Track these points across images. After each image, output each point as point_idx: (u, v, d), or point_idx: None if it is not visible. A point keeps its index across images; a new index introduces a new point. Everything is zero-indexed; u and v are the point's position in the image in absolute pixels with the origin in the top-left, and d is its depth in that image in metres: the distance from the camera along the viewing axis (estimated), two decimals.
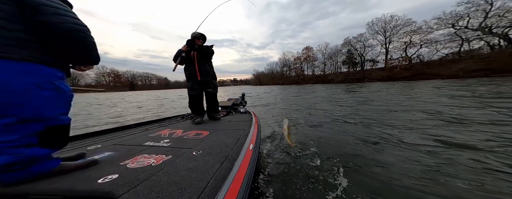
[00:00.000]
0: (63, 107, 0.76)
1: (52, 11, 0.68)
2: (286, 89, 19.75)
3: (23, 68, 0.65)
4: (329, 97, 7.89)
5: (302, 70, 56.09)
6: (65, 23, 0.70)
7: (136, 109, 7.35)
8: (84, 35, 0.75)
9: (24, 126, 0.64)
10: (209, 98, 2.09)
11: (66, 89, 0.76)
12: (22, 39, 0.65)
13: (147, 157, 0.90)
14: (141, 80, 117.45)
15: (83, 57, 0.80)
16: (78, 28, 0.73)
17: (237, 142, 1.15)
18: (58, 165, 0.74)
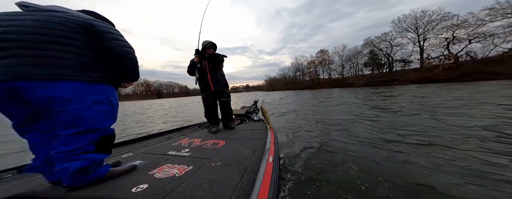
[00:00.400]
0: (113, 118, 0.89)
1: (110, 37, 0.83)
2: (300, 95, 17.56)
3: (88, 87, 0.78)
4: (357, 103, 6.37)
5: (317, 74, 52.28)
6: (120, 47, 0.85)
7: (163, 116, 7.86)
8: (132, 56, 0.90)
9: (86, 135, 0.76)
10: (223, 107, 2.10)
11: (115, 103, 0.90)
12: (88, 63, 0.79)
13: (171, 167, 0.97)
14: (166, 89, 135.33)
15: (129, 75, 0.94)
16: (128, 50, 0.88)
17: (254, 153, 1.15)
18: (108, 171, 0.85)
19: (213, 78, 1.98)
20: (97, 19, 0.84)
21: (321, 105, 7.05)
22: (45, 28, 0.71)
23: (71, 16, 0.77)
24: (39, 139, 0.76)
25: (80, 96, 0.75)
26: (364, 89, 19.54)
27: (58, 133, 0.73)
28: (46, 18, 0.73)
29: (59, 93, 0.70)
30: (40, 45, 0.70)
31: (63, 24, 0.74)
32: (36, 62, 0.68)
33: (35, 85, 0.67)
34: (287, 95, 17.88)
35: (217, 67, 2.03)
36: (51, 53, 0.70)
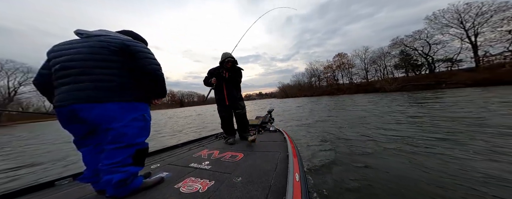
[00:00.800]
0: (147, 133, 0.96)
1: (143, 55, 0.90)
2: (317, 102, 15.44)
3: (127, 106, 0.87)
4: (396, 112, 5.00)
5: (336, 80, 47.78)
6: (150, 65, 0.91)
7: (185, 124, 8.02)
8: (160, 73, 0.95)
9: (125, 150, 0.85)
10: (239, 119, 2.10)
11: (149, 118, 0.97)
12: (126, 83, 0.88)
13: (194, 181, 1.00)
14: (187, 98, 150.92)
15: (158, 92, 1.00)
16: (156, 67, 0.94)
17: (276, 168, 1.11)
18: (142, 183, 0.93)
19: (229, 94, 1.99)
20: (131, 39, 0.93)
21: (355, 113, 5.68)
22: (92, 53, 0.82)
23: (111, 39, 0.87)
24: (90, 152, 0.90)
25: (122, 115, 0.85)
26: (401, 94, 15.64)
27: (105, 148, 0.84)
28: (93, 43, 0.85)
29: (105, 113, 0.82)
30: (90, 70, 0.81)
31: (104, 48, 0.84)
32: (88, 86, 0.80)
33: (87, 107, 0.79)
34: (305, 103, 15.73)
35: (235, 85, 2.05)
36: (98, 77, 0.82)
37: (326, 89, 44.96)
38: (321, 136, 3.32)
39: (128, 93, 0.88)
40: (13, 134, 10.82)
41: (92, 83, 0.80)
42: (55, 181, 1.14)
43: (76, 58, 0.80)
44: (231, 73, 1.99)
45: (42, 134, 8.82)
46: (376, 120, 4.45)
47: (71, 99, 0.78)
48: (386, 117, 4.65)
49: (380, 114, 5.25)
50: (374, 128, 3.54)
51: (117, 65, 0.85)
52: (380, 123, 4.01)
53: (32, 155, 3.99)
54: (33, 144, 5.83)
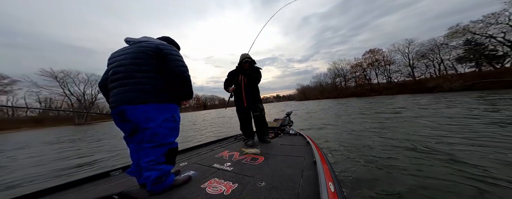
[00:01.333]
0: (176, 134, 1.01)
1: (173, 58, 0.97)
2: (347, 105, 12.30)
3: (160, 107, 0.93)
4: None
5: (367, 79, 40.62)
6: (178, 67, 0.97)
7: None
8: (186, 74, 1.00)
9: (159, 149, 0.91)
10: (257, 121, 2.06)
11: (178, 120, 1.03)
12: (160, 85, 0.93)
13: (218, 182, 1.03)
14: (209, 101, 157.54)
15: (186, 93, 1.03)
16: (184, 69, 0.99)
17: (302, 174, 1.05)
18: (174, 180, 1.00)
19: (248, 96, 1.99)
20: (165, 43, 1.01)
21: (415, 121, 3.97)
22: (134, 58, 0.92)
23: (148, 44, 0.95)
24: (134, 149, 0.98)
25: (156, 115, 0.91)
26: (468, 95, 10.76)
27: (144, 146, 0.91)
28: (135, 49, 0.94)
29: (144, 114, 0.89)
30: (133, 74, 0.90)
31: (143, 53, 0.93)
32: (131, 89, 0.88)
33: (131, 108, 0.88)
34: (328, 106, 12.70)
35: (254, 86, 2.04)
36: (140, 80, 0.89)
37: (355, 90, 38.45)
38: (360, 145, 2.66)
39: (161, 95, 0.93)
40: (94, 129, 13.69)
41: (134, 86, 0.89)
42: (110, 171, 1.30)
43: (123, 63, 0.92)
44: (248, 76, 1.96)
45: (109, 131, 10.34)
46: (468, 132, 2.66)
47: (119, 101, 0.89)
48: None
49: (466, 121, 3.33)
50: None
51: (153, 68, 0.93)
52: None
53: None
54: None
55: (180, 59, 1.00)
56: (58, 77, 40.18)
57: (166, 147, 0.94)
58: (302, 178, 0.98)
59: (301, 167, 1.15)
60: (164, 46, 0.98)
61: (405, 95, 17.91)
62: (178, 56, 1.01)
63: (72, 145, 5.84)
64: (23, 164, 3.59)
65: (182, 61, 1.01)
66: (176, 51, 1.02)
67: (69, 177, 2.47)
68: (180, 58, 1.01)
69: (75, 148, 5.11)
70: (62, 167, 3.07)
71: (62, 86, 40.79)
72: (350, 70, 44.09)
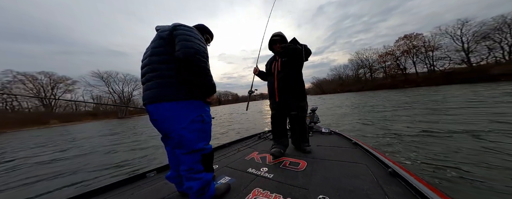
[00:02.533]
0: (207, 137, 0.85)
1: (180, 38, 0.75)
2: (378, 98, 9.76)
3: (184, 105, 0.76)
4: None
5: (402, 69, 34.52)
6: (182, 48, 0.73)
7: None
8: (194, 58, 0.73)
9: (192, 155, 0.78)
10: (294, 122, 1.49)
11: (208, 119, 0.85)
12: (181, 77, 0.76)
13: (264, 194, 0.87)
14: (224, 97, 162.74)
15: (200, 83, 0.78)
16: (189, 51, 0.73)
17: (383, 190, 0.80)
18: (215, 189, 0.85)
19: (281, 84, 1.43)
20: (181, 24, 0.82)
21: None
22: (154, 47, 0.79)
23: (165, 28, 0.81)
24: (171, 152, 0.88)
25: (180, 116, 0.75)
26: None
27: (176, 151, 0.81)
28: (156, 37, 0.81)
29: (166, 114, 0.75)
30: (155, 66, 0.76)
31: (161, 39, 0.78)
32: (153, 85, 0.75)
33: (153, 108, 0.76)
34: (354, 101, 10.59)
35: (291, 67, 1.43)
36: (161, 73, 0.75)
37: (383, 82, 33.42)
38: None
39: (184, 90, 0.76)
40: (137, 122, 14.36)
41: (156, 80, 0.75)
42: (146, 173, 1.23)
43: (146, 55, 0.81)
44: (283, 54, 1.43)
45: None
46: None
47: (145, 99, 0.78)
48: None
49: None
50: None
51: (173, 57, 0.75)
52: None
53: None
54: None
55: (189, 38, 0.75)
56: (103, 77, 46.93)
57: (199, 153, 0.79)
58: (387, 196, 0.74)
59: (371, 178, 0.91)
60: (180, 26, 0.79)
61: (452, 87, 14.22)
62: (189, 35, 0.76)
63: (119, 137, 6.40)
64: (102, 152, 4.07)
65: (191, 41, 0.75)
66: (191, 30, 0.79)
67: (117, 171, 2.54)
68: (189, 37, 0.75)
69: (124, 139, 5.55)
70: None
71: (107, 85, 47.55)
72: (378, 59, 38.34)
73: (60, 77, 42.58)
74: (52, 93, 41.25)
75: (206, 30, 1.01)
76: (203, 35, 0.98)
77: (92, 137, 7.14)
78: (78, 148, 4.85)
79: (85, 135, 8.41)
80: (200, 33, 0.87)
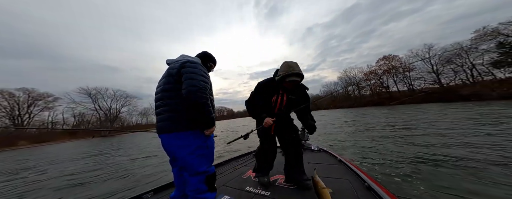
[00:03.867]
0: (210, 160, 0.95)
1: (186, 77, 0.86)
2: (371, 115, 10.44)
3: (192, 134, 0.88)
4: None
5: (385, 87, 37.87)
6: (187, 87, 0.84)
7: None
8: (195, 96, 0.83)
9: (197, 177, 0.88)
10: (289, 147, 1.28)
11: (211, 145, 0.98)
12: (185, 114, 0.88)
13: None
14: (218, 112, 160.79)
15: (202, 119, 0.89)
16: (193, 89, 0.83)
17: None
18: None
19: (279, 122, 1.28)
20: (190, 60, 0.93)
21: None
22: (165, 83, 0.90)
23: (175, 64, 0.91)
24: (178, 173, 0.99)
25: (187, 144, 0.87)
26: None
27: (183, 173, 0.92)
28: (166, 73, 0.92)
29: (175, 143, 0.88)
30: (166, 101, 0.89)
31: (170, 76, 0.89)
32: (164, 118, 0.88)
33: (164, 137, 0.89)
34: (347, 117, 11.28)
35: (294, 107, 1.31)
36: (171, 107, 0.87)
37: (371, 99, 35.88)
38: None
39: (190, 122, 0.88)
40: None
41: (167, 114, 0.87)
42: (142, 195, 1.22)
43: (157, 90, 0.94)
44: (293, 102, 1.27)
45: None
46: None
47: (158, 130, 0.90)
48: None
49: None
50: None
51: (178, 93, 0.88)
52: None
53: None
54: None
55: (193, 76, 0.86)
56: (91, 94, 44.57)
57: (203, 175, 0.89)
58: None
59: (352, 192, 1.04)
60: (187, 63, 0.89)
61: (431, 105, 15.84)
62: (193, 73, 0.87)
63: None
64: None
65: (194, 78, 0.85)
66: (196, 66, 0.90)
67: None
68: (194, 75, 0.86)
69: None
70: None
71: (94, 102, 44.95)
72: (364, 78, 42.04)
73: (41, 93, 39.50)
74: (28, 111, 37.52)
75: (209, 58, 1.13)
76: (207, 64, 1.11)
77: (55, 162, 6.28)
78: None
79: (48, 158, 7.45)
80: (204, 62, 1.05)
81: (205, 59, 1.10)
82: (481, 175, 1.84)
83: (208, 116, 0.87)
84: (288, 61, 1.21)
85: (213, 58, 1.16)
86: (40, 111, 39.80)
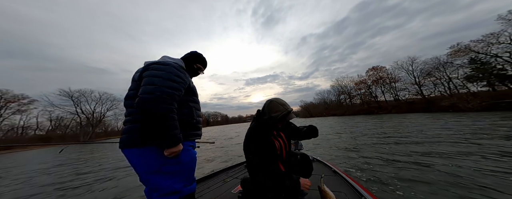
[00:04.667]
0: (186, 177, 0.78)
1: (144, 81, 0.70)
2: (364, 124, 10.99)
3: (151, 151, 0.71)
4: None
5: (374, 96, 39.79)
6: (141, 94, 0.66)
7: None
8: (149, 105, 0.64)
9: (169, 198, 0.72)
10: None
11: (186, 159, 0.77)
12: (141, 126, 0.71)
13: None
14: (212, 118, 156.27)
15: (160, 133, 0.67)
16: (144, 97, 0.64)
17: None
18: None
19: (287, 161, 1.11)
20: (161, 61, 0.77)
21: None
22: (131, 89, 0.76)
23: (143, 67, 0.76)
24: (148, 195, 0.81)
25: (152, 159, 0.71)
26: (494, 115, 9.78)
27: (153, 195, 0.75)
28: (135, 77, 0.77)
29: (136, 159, 0.71)
30: (128, 111, 0.75)
31: (133, 81, 0.76)
32: (127, 129, 0.73)
33: (126, 153, 0.73)
34: (342, 126, 11.40)
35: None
36: (134, 117, 0.73)
37: (362, 108, 37.30)
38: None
39: (150, 135, 0.70)
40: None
41: (129, 125, 0.73)
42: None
43: (125, 98, 0.78)
44: (286, 132, 1.14)
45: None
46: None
47: (119, 143, 0.75)
48: None
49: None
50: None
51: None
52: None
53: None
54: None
55: (154, 81, 0.67)
56: (73, 96, 41.09)
57: (175, 195, 0.72)
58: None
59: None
60: (153, 65, 0.72)
61: (415, 115, 16.77)
62: (157, 76, 0.68)
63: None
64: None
65: (156, 84, 0.66)
66: (164, 69, 0.70)
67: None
68: (157, 79, 0.67)
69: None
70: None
71: (76, 105, 41.32)
72: (355, 87, 43.91)
73: (16, 95, 36.24)
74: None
75: (197, 59, 0.92)
76: (193, 65, 0.91)
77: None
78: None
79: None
80: (189, 64, 0.86)
81: (190, 60, 0.91)
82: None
83: (169, 132, 0.66)
84: (275, 99, 1.06)
85: (202, 59, 0.97)
86: (12, 114, 36.09)
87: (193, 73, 0.96)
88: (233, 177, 1.72)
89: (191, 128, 0.81)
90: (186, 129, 0.78)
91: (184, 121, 0.77)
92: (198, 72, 0.99)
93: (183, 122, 0.76)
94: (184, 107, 0.78)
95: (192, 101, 0.83)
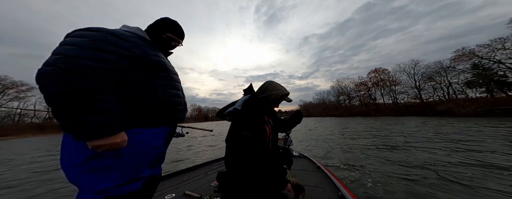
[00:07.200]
0: (125, 175, 0.62)
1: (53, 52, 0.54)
2: (363, 126, 10.17)
3: (68, 141, 0.60)
4: None
5: (373, 99, 39.71)
6: (43, 65, 0.48)
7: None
8: (41, 83, 0.46)
9: (89, 197, 0.59)
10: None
11: (128, 152, 0.60)
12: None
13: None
14: (211, 113, 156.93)
15: (60, 120, 0.49)
16: (39, 72, 0.46)
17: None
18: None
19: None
20: (87, 28, 0.54)
21: None
22: None
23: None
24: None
25: (75, 149, 0.56)
26: (489, 121, 9.79)
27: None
28: None
29: (62, 149, 0.58)
30: None
31: None
32: None
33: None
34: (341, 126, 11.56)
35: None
36: None
37: (360, 110, 37.33)
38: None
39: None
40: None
41: None
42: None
43: None
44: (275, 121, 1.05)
45: None
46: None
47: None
48: None
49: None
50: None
51: None
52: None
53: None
54: None
55: (59, 50, 0.48)
56: None
57: (100, 196, 0.56)
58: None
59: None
60: (71, 33, 0.53)
61: (411, 118, 16.79)
62: (65, 44, 0.50)
63: None
64: None
65: (59, 53, 0.48)
66: (81, 35, 0.52)
67: None
68: (64, 48, 0.48)
69: None
70: None
71: None
72: (355, 88, 43.73)
73: (15, 82, 35.86)
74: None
75: (168, 27, 0.73)
76: (160, 35, 0.71)
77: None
78: None
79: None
80: (154, 34, 0.68)
81: (158, 28, 0.71)
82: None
83: (89, 118, 0.48)
84: (271, 82, 1.01)
85: (175, 26, 0.75)
86: (9, 101, 36.21)
87: (166, 46, 0.76)
88: (215, 169, 1.70)
89: (152, 110, 0.63)
90: (143, 112, 0.61)
91: (140, 102, 0.60)
92: (172, 44, 0.76)
93: (139, 103, 0.60)
94: (140, 85, 0.61)
95: (158, 78, 0.65)
